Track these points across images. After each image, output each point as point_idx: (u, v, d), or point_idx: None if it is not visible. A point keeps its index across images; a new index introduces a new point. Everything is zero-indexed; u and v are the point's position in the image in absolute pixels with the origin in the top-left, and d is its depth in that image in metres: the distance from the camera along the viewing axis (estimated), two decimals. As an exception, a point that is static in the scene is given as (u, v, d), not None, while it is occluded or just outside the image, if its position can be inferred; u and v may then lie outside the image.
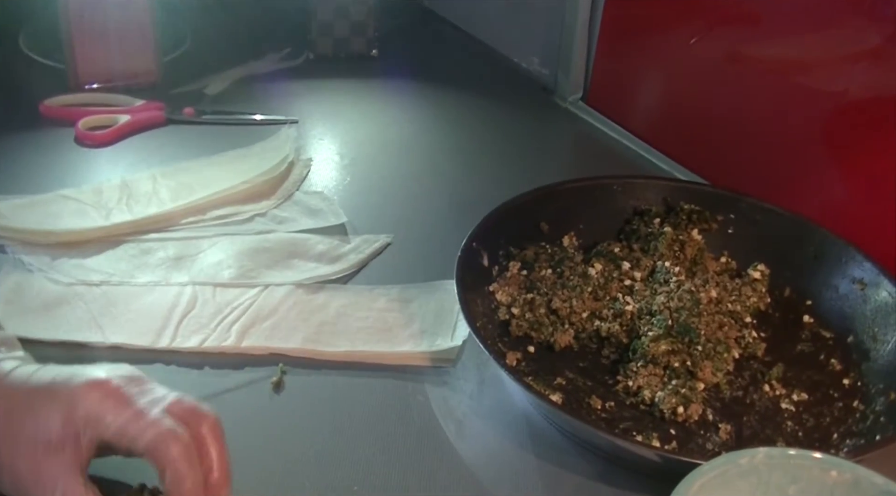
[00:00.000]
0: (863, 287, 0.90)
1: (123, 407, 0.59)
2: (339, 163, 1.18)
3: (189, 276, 0.94)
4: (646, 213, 1.00)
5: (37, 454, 0.59)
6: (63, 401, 0.59)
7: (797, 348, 0.90)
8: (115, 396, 0.59)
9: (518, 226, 0.96)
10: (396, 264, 0.99)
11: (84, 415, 0.59)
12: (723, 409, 0.82)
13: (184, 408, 0.61)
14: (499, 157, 1.23)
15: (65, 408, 0.59)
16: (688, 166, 1.19)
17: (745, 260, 0.98)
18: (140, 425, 0.58)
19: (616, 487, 0.75)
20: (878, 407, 0.82)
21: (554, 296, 0.89)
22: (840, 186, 1.03)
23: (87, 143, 1.16)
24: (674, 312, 0.85)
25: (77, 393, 0.59)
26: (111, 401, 0.59)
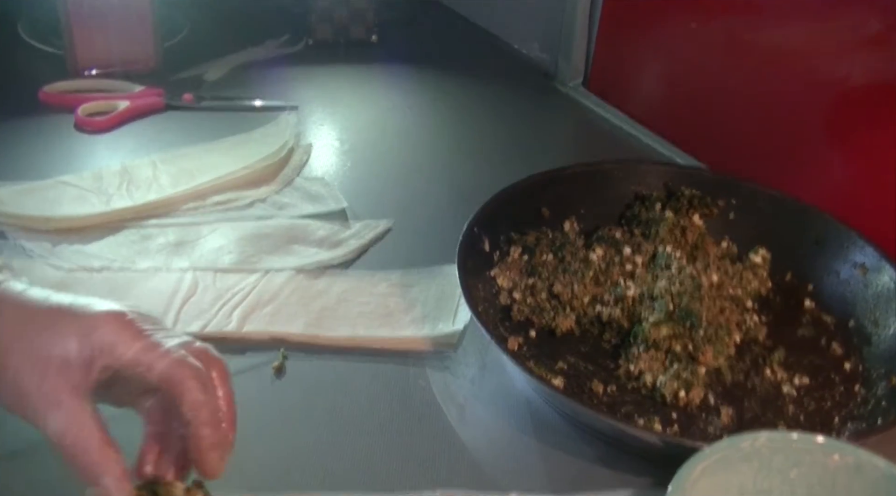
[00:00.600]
0: (864, 272, 0.90)
1: (138, 338, 0.59)
2: (339, 148, 1.18)
3: (190, 262, 0.94)
4: (647, 198, 1.00)
5: (48, 370, 0.58)
6: (81, 323, 0.59)
7: (798, 333, 0.90)
8: (131, 328, 0.59)
9: (519, 211, 0.95)
10: (397, 249, 0.99)
11: (99, 341, 0.58)
12: (724, 393, 0.82)
13: (196, 349, 0.62)
14: (499, 143, 1.22)
15: (82, 330, 0.58)
16: (689, 151, 1.19)
17: (746, 245, 0.97)
18: (154, 355, 0.59)
19: (617, 471, 0.76)
20: (879, 391, 0.82)
21: (555, 281, 0.89)
22: (841, 172, 1.03)
23: (86, 129, 1.16)
24: (675, 297, 0.85)
25: (96, 318, 0.59)
26: (127, 332, 0.59)
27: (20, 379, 0.58)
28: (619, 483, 0.74)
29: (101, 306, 0.60)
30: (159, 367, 0.58)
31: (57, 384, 0.58)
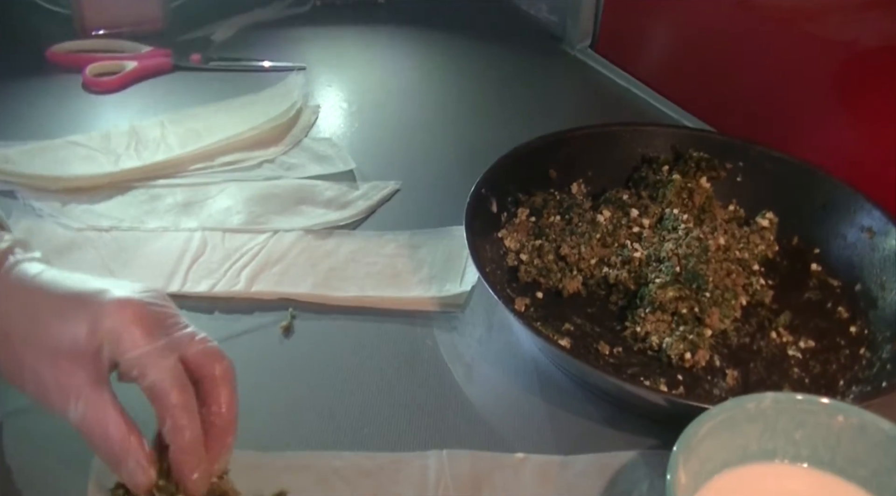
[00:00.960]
0: (871, 235, 0.90)
1: (145, 338, 0.58)
2: (346, 109, 1.18)
3: (198, 222, 0.94)
4: (654, 160, 1.00)
5: (61, 361, 0.58)
6: (91, 312, 0.58)
7: (804, 296, 0.90)
8: (141, 324, 0.58)
9: (527, 172, 0.95)
10: (405, 210, 0.99)
11: (108, 331, 0.58)
12: (730, 356, 0.83)
13: (203, 349, 0.61)
14: (507, 105, 1.22)
15: (92, 319, 0.58)
16: (697, 114, 1.18)
17: (753, 208, 0.97)
18: (151, 362, 0.58)
19: (623, 432, 0.76)
20: (884, 354, 0.82)
21: (562, 243, 0.89)
22: (850, 135, 1.03)
23: (94, 89, 1.16)
24: (682, 259, 0.86)
25: (107, 308, 0.58)
26: (136, 329, 0.58)
27: (38, 372, 0.59)
28: (624, 444, 0.75)
29: (113, 293, 0.59)
30: (150, 378, 0.58)
31: (73, 375, 0.58)
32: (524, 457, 0.73)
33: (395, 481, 0.69)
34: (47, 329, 0.59)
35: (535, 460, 0.73)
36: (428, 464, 0.71)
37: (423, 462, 0.71)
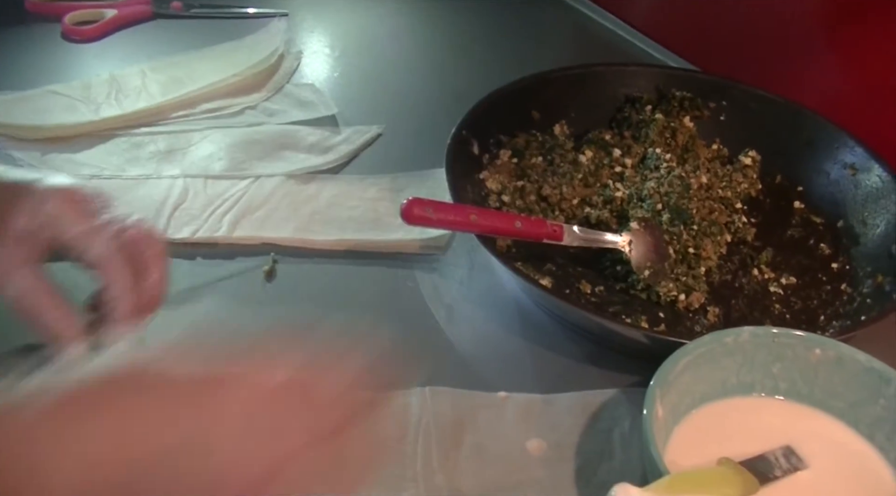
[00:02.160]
0: (854, 172, 0.91)
1: (83, 217, 0.61)
2: (329, 55, 1.17)
3: (180, 169, 0.94)
4: (637, 100, 0.99)
5: (2, 242, 0.60)
6: (29, 198, 0.61)
7: (787, 233, 0.91)
8: (78, 205, 0.62)
9: (509, 114, 0.95)
10: (387, 154, 0.99)
11: (46, 215, 0.61)
12: (712, 293, 0.83)
13: (139, 230, 0.63)
14: (493, 47, 1.21)
15: (30, 205, 0.61)
16: (681, 54, 1.18)
17: (736, 147, 0.97)
18: (93, 238, 0.61)
19: (605, 369, 0.77)
20: (865, 289, 0.83)
21: (544, 184, 0.89)
22: (833, 72, 1.02)
23: (74, 38, 1.15)
24: (664, 197, 0.86)
25: (45, 194, 0.61)
26: (74, 209, 0.61)
27: None
28: (606, 382, 0.75)
29: (52, 180, 0.62)
30: (93, 251, 0.61)
31: (11, 254, 0.60)
32: (506, 395, 0.73)
33: (377, 418, 0.70)
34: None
35: (517, 399, 0.73)
36: (410, 402, 0.71)
37: (406, 399, 0.72)
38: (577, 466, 0.68)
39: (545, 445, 0.70)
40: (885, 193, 0.87)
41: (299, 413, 0.49)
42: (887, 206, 0.87)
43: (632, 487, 0.55)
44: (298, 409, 0.49)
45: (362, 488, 0.65)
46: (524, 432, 0.70)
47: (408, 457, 0.67)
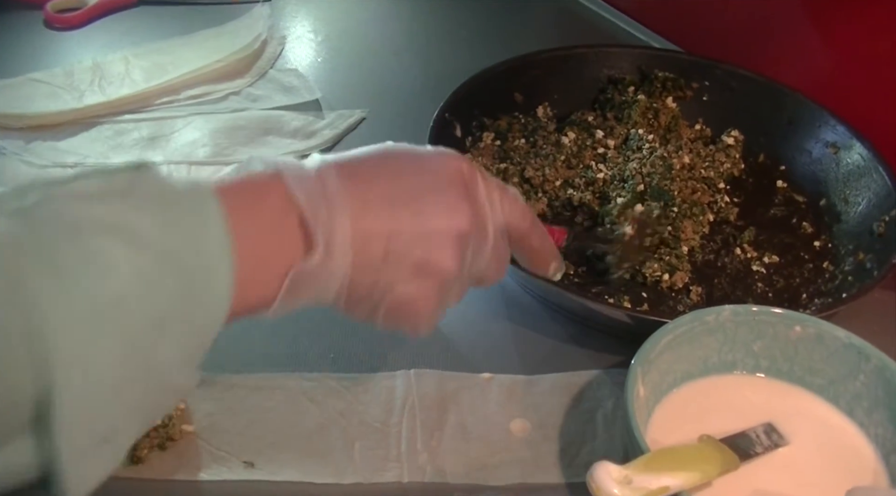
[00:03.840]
0: (836, 150, 0.91)
1: None
2: (312, 39, 1.17)
3: (164, 156, 0.94)
4: (620, 81, 1.00)
5: None
6: None
7: (770, 212, 0.91)
8: None
9: (492, 96, 0.95)
10: (371, 138, 0.96)
11: None
12: (694, 272, 0.83)
13: None
14: (475, 29, 1.21)
15: None
16: (664, 35, 1.17)
17: (719, 127, 0.98)
18: None
19: (589, 350, 0.77)
20: (846, 267, 0.83)
21: (527, 166, 0.89)
22: (814, 52, 1.02)
23: (56, 25, 1.14)
24: (645, 178, 0.86)
25: None
26: None
27: None
28: (590, 362, 0.76)
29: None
30: None
31: None
32: (490, 376, 0.74)
33: (362, 401, 0.70)
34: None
35: (500, 380, 0.74)
36: (395, 384, 0.72)
37: (391, 382, 0.72)
38: (560, 446, 0.69)
39: (529, 426, 0.70)
40: (866, 171, 0.88)
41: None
42: (868, 184, 0.87)
43: (612, 465, 0.55)
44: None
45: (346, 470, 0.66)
46: (508, 413, 0.71)
47: (392, 437, 0.68)
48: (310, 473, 0.65)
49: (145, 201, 0.45)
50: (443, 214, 0.56)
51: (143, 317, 0.42)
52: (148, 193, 0.45)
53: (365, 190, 0.55)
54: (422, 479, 0.66)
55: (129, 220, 0.43)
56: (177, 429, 0.66)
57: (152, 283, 0.43)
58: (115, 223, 0.43)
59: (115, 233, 0.42)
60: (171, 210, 0.45)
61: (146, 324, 0.43)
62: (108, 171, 0.45)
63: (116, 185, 0.45)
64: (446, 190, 0.57)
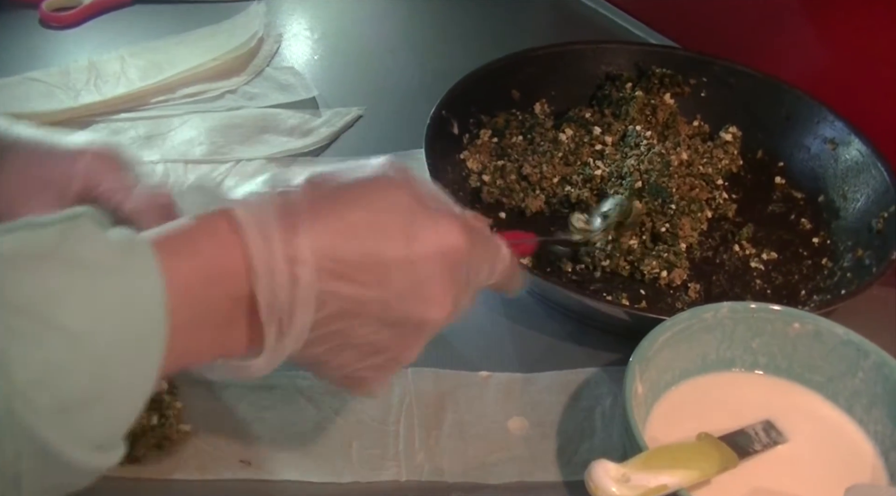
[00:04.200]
0: (834, 146, 0.91)
1: (116, 172, 0.62)
2: (309, 37, 1.16)
3: (160, 154, 0.93)
4: (618, 78, 0.99)
5: (35, 195, 0.61)
6: (59, 155, 0.62)
7: (768, 209, 0.91)
8: (110, 161, 0.62)
9: (489, 93, 0.95)
10: (368, 136, 0.99)
11: (79, 169, 0.61)
12: (693, 269, 0.83)
13: (168, 189, 0.63)
14: (472, 26, 1.21)
15: (62, 161, 0.62)
16: (661, 31, 1.17)
17: (718, 123, 0.97)
18: (127, 193, 0.61)
19: (587, 348, 0.77)
20: (845, 263, 0.83)
21: (524, 163, 0.89)
22: (812, 47, 1.02)
23: (52, 24, 1.14)
24: (643, 175, 0.86)
25: (76, 150, 0.62)
26: (106, 164, 0.62)
27: (15, 208, 0.60)
28: (588, 360, 0.76)
29: (79, 138, 0.64)
30: (129, 206, 0.61)
31: (41, 203, 0.60)
32: (488, 375, 0.73)
33: (359, 399, 0.70)
34: (29, 171, 0.62)
35: (498, 378, 0.73)
36: (392, 382, 0.71)
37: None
38: (558, 444, 0.68)
39: (527, 424, 0.70)
40: (864, 167, 0.88)
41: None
42: (867, 180, 0.87)
43: (609, 463, 0.55)
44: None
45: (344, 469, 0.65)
46: (506, 411, 0.71)
47: (390, 436, 0.68)
48: (307, 472, 0.65)
49: (69, 267, 0.41)
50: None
51: (47, 408, 0.39)
52: (74, 257, 0.42)
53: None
54: (419, 478, 0.65)
55: (50, 292, 0.40)
56: (174, 429, 0.65)
57: (64, 370, 0.40)
58: (28, 300, 0.39)
59: (31, 311, 0.39)
60: (97, 278, 0.42)
61: (50, 414, 0.39)
62: (36, 224, 0.42)
63: (42, 242, 0.42)
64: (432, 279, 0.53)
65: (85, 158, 0.61)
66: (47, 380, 0.39)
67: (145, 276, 0.43)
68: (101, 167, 0.62)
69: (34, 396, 0.39)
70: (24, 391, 0.38)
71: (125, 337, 0.42)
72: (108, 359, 0.41)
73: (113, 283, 0.42)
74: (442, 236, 0.53)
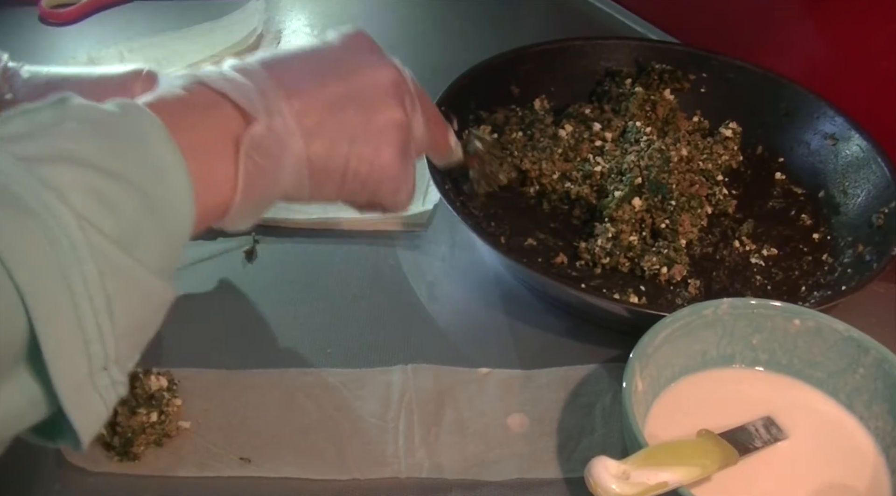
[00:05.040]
0: (834, 142, 0.91)
1: None
2: (309, 34, 1.16)
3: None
4: (617, 73, 0.99)
5: None
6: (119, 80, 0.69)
7: (768, 205, 0.91)
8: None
9: (488, 89, 0.94)
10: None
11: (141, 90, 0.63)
12: (692, 265, 0.83)
13: None
14: (471, 22, 1.21)
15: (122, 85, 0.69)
16: (661, 26, 1.17)
17: (717, 118, 0.97)
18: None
19: (587, 344, 0.77)
20: (846, 259, 0.83)
21: (524, 159, 0.89)
22: (812, 42, 1.02)
23: (51, 21, 1.14)
24: (643, 171, 0.85)
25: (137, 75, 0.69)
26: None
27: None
28: (588, 356, 0.75)
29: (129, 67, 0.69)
30: None
31: None
32: (488, 371, 0.73)
33: (358, 396, 0.70)
34: None
35: (498, 374, 0.73)
36: (392, 379, 0.72)
37: (388, 377, 0.72)
38: (558, 441, 0.68)
39: (527, 421, 0.70)
40: (865, 163, 0.87)
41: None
42: (867, 176, 0.87)
43: (609, 460, 0.55)
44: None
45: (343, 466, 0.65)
46: (505, 407, 0.71)
47: (389, 433, 0.68)
48: (306, 469, 0.65)
49: (81, 128, 0.44)
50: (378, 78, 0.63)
51: (111, 235, 0.42)
52: (81, 120, 0.45)
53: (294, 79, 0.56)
54: (419, 475, 0.65)
55: (69, 148, 0.43)
56: (173, 426, 0.65)
57: (111, 202, 0.43)
58: (57, 154, 0.42)
59: (61, 161, 0.42)
60: (109, 132, 0.45)
61: (115, 243, 0.42)
62: (29, 110, 0.44)
63: (44, 120, 0.44)
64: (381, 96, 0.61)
65: (140, 81, 0.65)
66: (103, 210, 0.42)
67: (146, 118, 0.47)
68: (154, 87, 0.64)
69: (96, 221, 0.42)
70: (87, 216, 0.41)
71: (153, 173, 0.46)
72: (147, 187, 0.45)
73: (123, 132, 0.46)
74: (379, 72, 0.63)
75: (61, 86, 0.64)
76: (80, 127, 0.44)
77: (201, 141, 0.50)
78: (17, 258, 0.39)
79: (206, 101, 0.52)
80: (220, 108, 0.52)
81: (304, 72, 0.57)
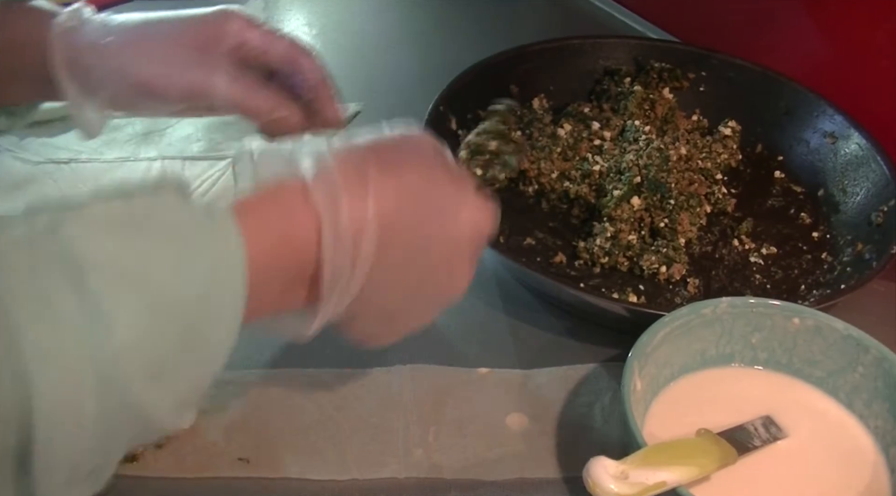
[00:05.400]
0: (833, 140, 0.91)
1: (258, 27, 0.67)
2: (307, 33, 1.16)
3: (158, 151, 0.93)
4: (616, 72, 0.99)
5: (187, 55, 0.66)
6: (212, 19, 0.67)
7: (768, 203, 0.91)
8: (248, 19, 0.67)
9: (487, 88, 0.94)
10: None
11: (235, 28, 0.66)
12: (692, 264, 0.83)
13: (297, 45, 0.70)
14: (470, 21, 1.21)
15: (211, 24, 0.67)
16: (660, 25, 1.17)
17: (717, 117, 0.97)
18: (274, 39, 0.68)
19: (586, 344, 0.77)
20: (845, 258, 0.83)
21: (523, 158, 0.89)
22: (811, 40, 1.02)
23: (50, 20, 1.14)
24: (642, 169, 0.85)
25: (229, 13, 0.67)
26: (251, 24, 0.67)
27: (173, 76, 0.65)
28: (587, 356, 0.75)
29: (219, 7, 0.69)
30: (279, 49, 0.67)
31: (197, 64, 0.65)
32: (487, 371, 0.73)
33: (358, 395, 0.70)
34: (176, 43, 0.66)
35: (497, 374, 0.73)
36: (391, 379, 0.72)
37: (387, 377, 0.72)
38: (557, 441, 0.68)
39: (526, 420, 0.70)
40: (864, 161, 0.87)
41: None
42: (867, 174, 0.87)
43: (608, 460, 0.55)
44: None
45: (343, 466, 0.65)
46: (505, 407, 0.71)
47: (388, 433, 0.68)
48: (306, 470, 0.65)
49: (160, 236, 0.44)
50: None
51: (138, 367, 0.42)
52: (165, 226, 0.45)
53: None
54: (419, 475, 0.65)
55: (138, 262, 0.42)
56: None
57: (153, 335, 0.42)
58: (123, 266, 0.42)
59: (122, 278, 0.41)
60: (186, 246, 0.45)
61: (140, 374, 0.42)
62: (126, 193, 0.45)
63: (134, 211, 0.44)
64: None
65: (233, 19, 0.66)
66: (140, 344, 0.41)
67: (227, 244, 0.46)
68: (246, 25, 0.66)
69: (129, 360, 0.41)
70: (119, 354, 0.41)
71: (209, 301, 0.45)
72: (195, 322, 0.44)
73: (199, 251, 0.45)
74: (479, 221, 0.59)
75: (154, 23, 0.67)
76: (160, 238, 0.44)
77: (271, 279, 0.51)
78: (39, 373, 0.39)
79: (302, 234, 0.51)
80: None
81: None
